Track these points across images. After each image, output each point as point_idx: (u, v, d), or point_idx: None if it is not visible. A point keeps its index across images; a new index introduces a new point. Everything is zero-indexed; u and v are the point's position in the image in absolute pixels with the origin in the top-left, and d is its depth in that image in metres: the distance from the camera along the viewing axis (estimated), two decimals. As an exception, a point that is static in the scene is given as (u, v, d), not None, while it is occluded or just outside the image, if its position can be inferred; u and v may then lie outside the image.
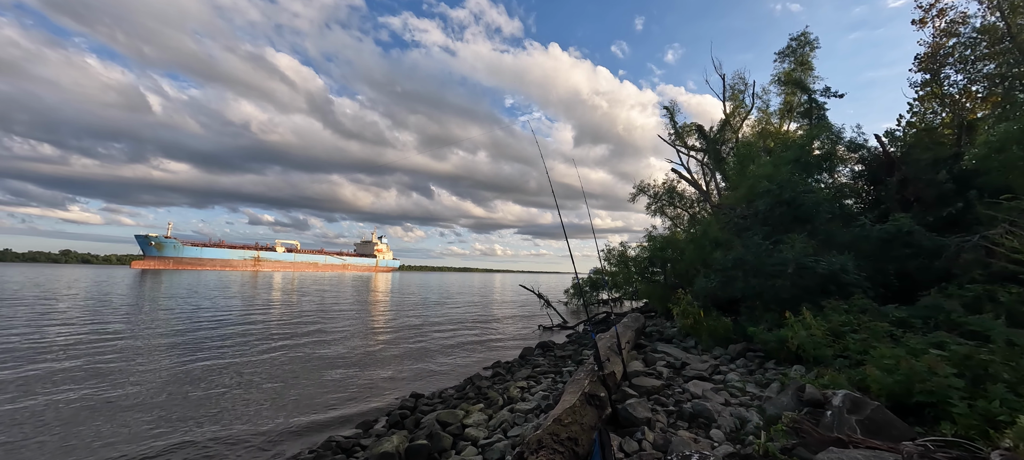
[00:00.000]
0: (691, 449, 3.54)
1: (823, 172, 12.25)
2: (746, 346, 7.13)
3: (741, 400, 4.92)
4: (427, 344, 12.80)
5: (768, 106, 20.47)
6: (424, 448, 4.46)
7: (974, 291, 5.67)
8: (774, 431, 3.50)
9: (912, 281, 7.30)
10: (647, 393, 5.26)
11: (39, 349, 10.23)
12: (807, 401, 4.09)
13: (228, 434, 5.79)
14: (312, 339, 12.86)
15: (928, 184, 9.21)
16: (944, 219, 8.40)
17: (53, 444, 5.32)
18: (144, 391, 7.33)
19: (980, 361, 3.69)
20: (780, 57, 19.69)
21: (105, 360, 9.38)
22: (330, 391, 7.81)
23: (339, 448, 5.16)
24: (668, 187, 20.45)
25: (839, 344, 5.43)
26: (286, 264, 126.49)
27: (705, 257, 11.05)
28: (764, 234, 9.13)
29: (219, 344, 11.55)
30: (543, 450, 2.62)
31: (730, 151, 19.72)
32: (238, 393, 7.51)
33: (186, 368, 8.97)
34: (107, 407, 6.60)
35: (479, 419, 5.39)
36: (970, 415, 3.12)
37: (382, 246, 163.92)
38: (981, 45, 12.97)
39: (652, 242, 14.42)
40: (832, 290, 6.90)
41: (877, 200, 10.35)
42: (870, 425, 3.24)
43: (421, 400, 7.03)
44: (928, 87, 14.24)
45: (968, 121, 12.39)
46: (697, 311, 8.33)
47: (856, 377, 4.35)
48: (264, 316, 17.90)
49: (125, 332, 12.89)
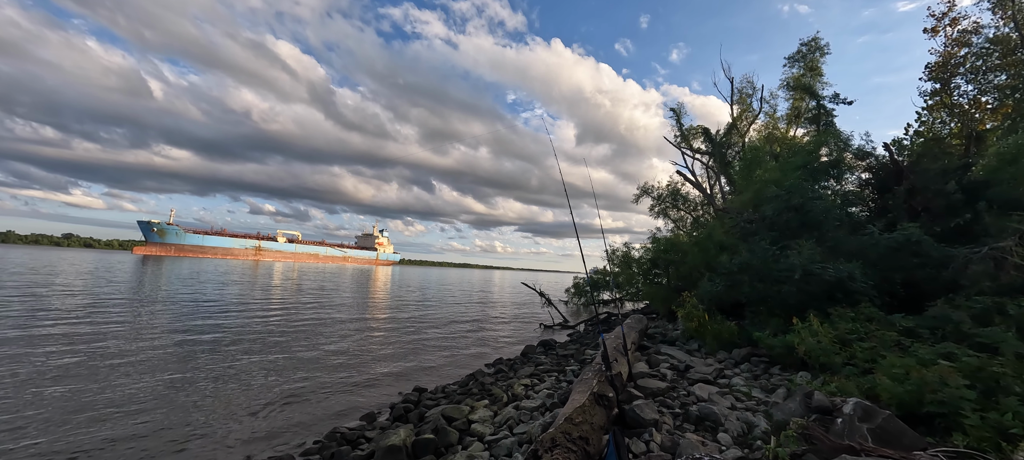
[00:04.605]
0: (700, 452, 3.54)
1: (830, 179, 12.21)
2: (751, 351, 7.11)
3: (747, 405, 4.92)
4: (428, 338, 12.83)
5: (776, 111, 20.40)
6: (431, 442, 4.47)
7: (983, 303, 5.64)
8: (784, 437, 3.50)
9: (919, 291, 7.28)
10: (652, 394, 5.26)
11: (36, 338, 10.26)
12: (815, 408, 4.08)
13: (231, 424, 5.80)
14: (314, 330, 12.90)
15: (937, 194, 9.17)
16: (952, 230, 8.36)
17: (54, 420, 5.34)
18: (144, 384, 7.29)
19: (991, 373, 3.67)
20: (790, 62, 19.61)
21: (103, 347, 9.42)
22: (332, 383, 7.83)
23: (344, 439, 5.19)
24: (672, 189, 20.42)
25: (846, 351, 5.42)
26: (287, 254, 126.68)
27: (709, 260, 11.03)
28: (771, 239, 9.11)
29: (221, 334, 11.59)
30: (557, 448, 2.62)
31: (736, 155, 19.66)
32: (241, 383, 7.53)
33: (188, 358, 9.00)
34: (105, 400, 6.61)
35: (485, 415, 5.40)
36: (982, 427, 3.11)
37: (383, 239, 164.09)
38: (993, 56, 12.90)
39: (656, 244, 14.41)
40: (839, 297, 6.88)
41: (884, 208, 10.31)
42: (881, 434, 3.23)
43: (425, 394, 7.05)
44: (938, 96, 14.19)
45: (977, 132, 12.33)
46: (702, 314, 8.32)
47: (865, 385, 4.34)
48: (265, 306, 17.95)
49: (127, 319, 12.94)
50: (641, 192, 20.51)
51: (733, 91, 21.08)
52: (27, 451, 4.70)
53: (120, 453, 4.81)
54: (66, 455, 4.68)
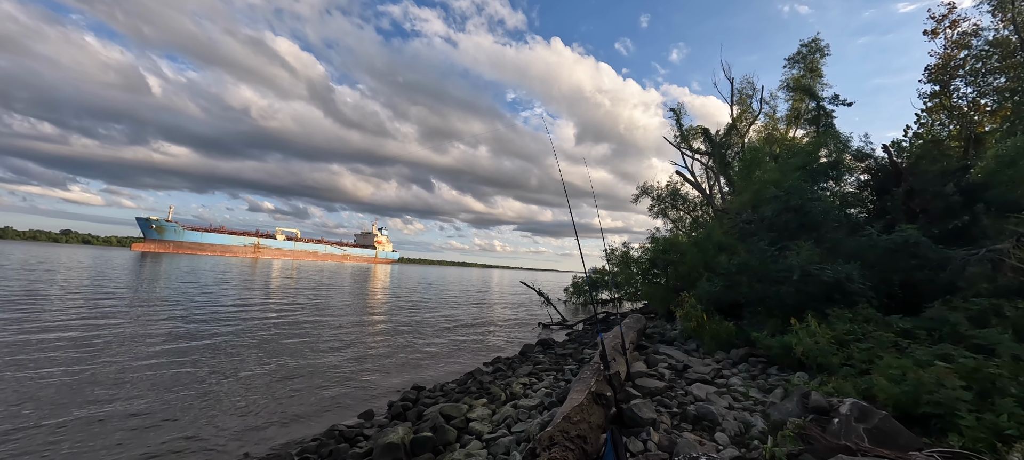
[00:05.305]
0: (697, 451, 3.55)
1: (830, 180, 12.24)
2: (749, 351, 7.13)
3: (744, 404, 4.93)
4: (426, 337, 12.84)
5: (775, 111, 20.43)
6: (429, 440, 4.48)
7: (980, 304, 5.67)
8: (781, 436, 3.51)
9: (917, 292, 7.30)
10: (650, 394, 5.28)
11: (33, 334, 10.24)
12: (812, 408, 4.09)
13: (229, 421, 5.80)
14: (312, 328, 12.90)
15: (935, 196, 9.19)
16: (950, 232, 8.39)
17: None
18: (141, 383, 7.28)
19: (988, 374, 3.69)
20: (790, 63, 19.64)
21: (99, 345, 9.41)
22: (331, 380, 7.84)
23: (343, 437, 5.19)
24: (671, 189, 20.43)
25: (844, 352, 5.44)
26: (286, 252, 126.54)
27: (708, 260, 11.05)
28: (770, 240, 9.12)
29: (219, 331, 11.59)
30: (555, 447, 2.63)
31: (735, 156, 19.68)
32: (239, 381, 7.54)
33: (185, 355, 9.00)
34: (102, 397, 6.59)
35: (483, 414, 5.41)
36: (978, 428, 3.12)
37: (382, 238, 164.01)
38: (993, 58, 12.93)
39: (655, 244, 14.42)
40: (837, 298, 6.90)
41: (883, 210, 10.33)
42: (878, 434, 3.25)
43: (423, 392, 7.06)
44: (937, 98, 14.22)
45: (976, 134, 12.37)
46: (700, 314, 8.34)
47: (862, 385, 4.36)
48: (263, 304, 17.94)
49: (124, 317, 12.92)
50: (640, 192, 20.53)
51: (733, 92, 21.11)
52: (26, 451, 4.70)
53: (118, 451, 4.81)
54: (64, 455, 4.68)
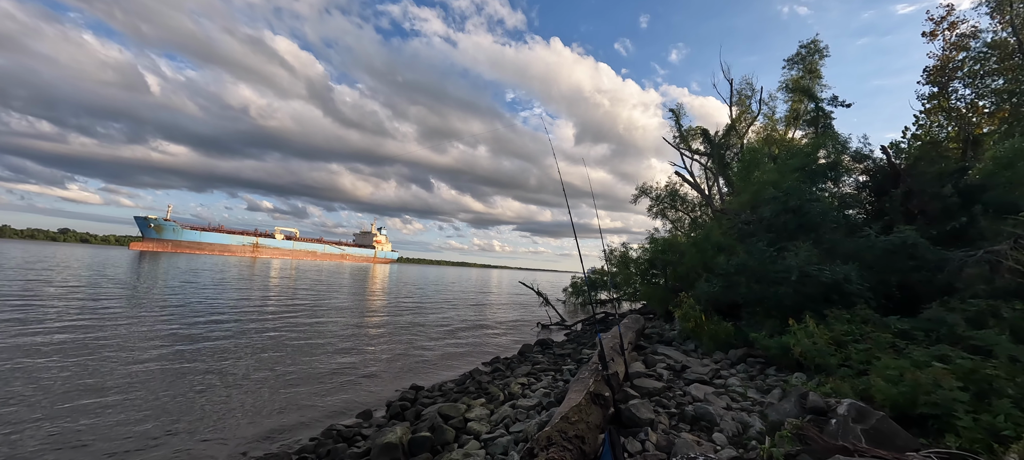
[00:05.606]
0: (695, 451, 3.56)
1: (828, 181, 12.26)
2: (747, 351, 7.14)
3: (742, 405, 4.94)
4: (425, 336, 12.83)
5: (774, 112, 20.46)
6: (427, 440, 4.48)
7: (977, 306, 5.68)
8: (778, 437, 3.52)
9: (914, 293, 7.31)
10: (648, 394, 5.28)
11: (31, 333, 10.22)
12: (810, 408, 4.10)
13: (227, 421, 5.79)
14: (311, 328, 12.88)
15: (933, 197, 9.21)
16: (948, 233, 8.41)
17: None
18: (140, 383, 7.24)
19: (985, 375, 3.70)
20: (789, 64, 19.67)
21: (96, 345, 9.39)
22: (329, 380, 7.83)
23: (341, 437, 5.19)
24: (670, 190, 20.44)
25: (841, 353, 5.45)
26: (285, 251, 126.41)
27: (707, 261, 11.06)
28: (768, 240, 9.14)
29: (217, 331, 11.57)
30: (553, 447, 2.63)
31: (734, 156, 19.70)
32: (237, 380, 7.52)
33: (183, 356, 8.99)
34: (99, 396, 6.57)
35: (481, 414, 5.41)
36: (975, 429, 3.13)
37: (381, 237, 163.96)
38: (991, 60, 12.97)
39: (654, 244, 14.44)
40: (835, 299, 6.91)
41: (881, 211, 10.35)
42: (875, 435, 3.25)
43: (421, 392, 7.06)
44: (935, 100, 14.26)
45: (974, 136, 12.40)
46: (699, 314, 8.35)
47: (860, 386, 4.37)
48: (262, 303, 17.92)
49: (122, 317, 12.90)
50: (639, 192, 20.55)
51: (732, 92, 21.13)
52: (25, 450, 4.69)
53: (116, 451, 4.80)
54: (61, 456, 4.67)
